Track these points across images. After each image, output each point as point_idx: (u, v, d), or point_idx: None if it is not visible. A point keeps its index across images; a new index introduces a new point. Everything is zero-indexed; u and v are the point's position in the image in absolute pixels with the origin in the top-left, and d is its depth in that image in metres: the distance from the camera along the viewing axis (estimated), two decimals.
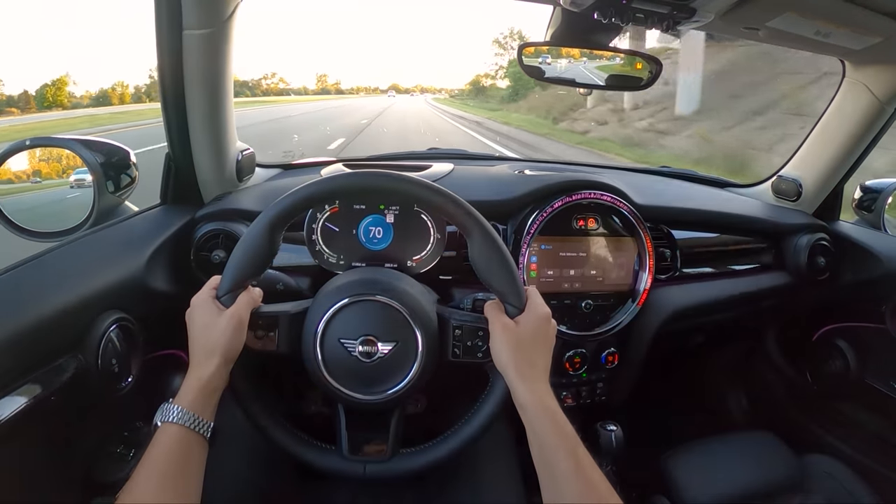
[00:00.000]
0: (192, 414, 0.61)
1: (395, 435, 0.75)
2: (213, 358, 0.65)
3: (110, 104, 40.15)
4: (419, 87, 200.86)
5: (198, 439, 0.62)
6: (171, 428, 0.60)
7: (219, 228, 0.96)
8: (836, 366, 1.30)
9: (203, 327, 0.66)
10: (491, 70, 48.62)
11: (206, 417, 0.63)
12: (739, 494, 1.09)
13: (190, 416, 0.61)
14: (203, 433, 0.62)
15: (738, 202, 1.37)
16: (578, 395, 1.15)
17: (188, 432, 0.61)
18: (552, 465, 0.61)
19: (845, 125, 1.20)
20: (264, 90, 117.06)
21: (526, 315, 0.69)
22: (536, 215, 1.03)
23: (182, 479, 0.59)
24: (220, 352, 0.65)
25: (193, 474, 0.61)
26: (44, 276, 0.74)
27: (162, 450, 0.59)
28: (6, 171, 0.94)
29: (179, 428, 0.60)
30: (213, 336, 0.65)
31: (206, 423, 0.63)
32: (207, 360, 0.65)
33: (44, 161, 1.01)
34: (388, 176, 0.72)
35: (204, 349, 0.65)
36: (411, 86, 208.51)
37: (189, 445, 0.61)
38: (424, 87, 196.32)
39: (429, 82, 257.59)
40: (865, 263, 1.26)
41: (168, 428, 0.60)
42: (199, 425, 0.62)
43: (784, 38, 1.01)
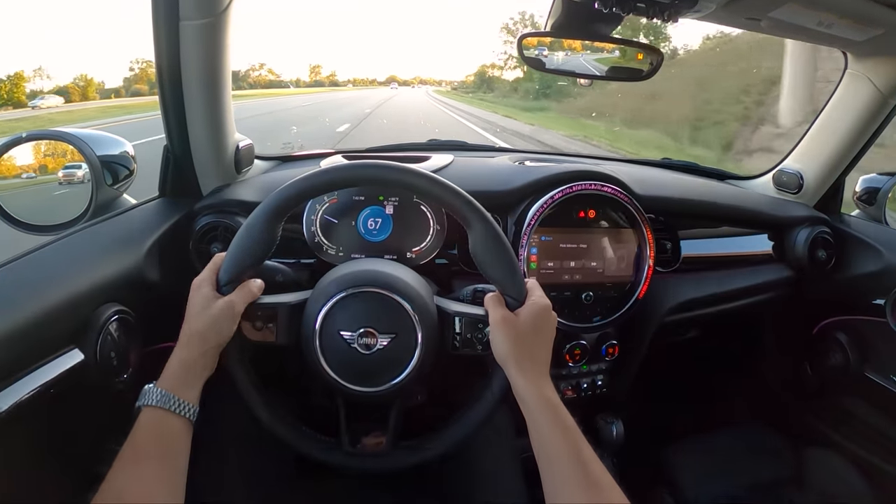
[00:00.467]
0: (174, 397, 0.61)
1: (394, 428, 0.75)
2: (199, 341, 0.65)
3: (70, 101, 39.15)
4: (418, 78, 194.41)
5: (181, 422, 0.62)
6: (154, 411, 0.60)
7: (218, 220, 0.95)
8: (836, 359, 1.30)
9: (197, 310, 0.66)
10: (499, 60, 44.46)
11: (189, 400, 0.63)
12: (739, 487, 1.10)
13: (173, 398, 0.61)
14: (188, 416, 0.62)
15: (739, 194, 1.37)
16: (579, 388, 1.15)
17: (171, 415, 0.61)
18: (553, 459, 0.60)
19: (847, 118, 1.20)
20: (251, 82, 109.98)
21: (526, 307, 0.69)
22: (537, 207, 1.02)
23: (166, 461, 0.59)
24: (209, 337, 0.65)
25: (177, 457, 0.61)
26: (42, 270, 0.73)
27: (145, 433, 0.59)
28: (3, 166, 0.94)
29: (163, 412, 0.60)
30: (205, 320, 0.65)
31: (189, 405, 0.62)
32: (194, 342, 0.65)
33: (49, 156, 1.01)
34: (388, 167, 0.71)
35: (193, 331, 0.65)
36: (410, 77, 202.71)
37: (172, 428, 0.61)
38: (423, 79, 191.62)
39: (428, 74, 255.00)
40: (867, 257, 1.25)
41: (150, 411, 0.60)
42: (182, 408, 0.61)
43: (786, 29, 1.00)
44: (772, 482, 1.11)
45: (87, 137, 0.95)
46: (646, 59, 1.05)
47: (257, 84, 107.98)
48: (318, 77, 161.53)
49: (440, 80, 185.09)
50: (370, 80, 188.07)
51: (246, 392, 0.70)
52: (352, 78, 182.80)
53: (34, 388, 0.64)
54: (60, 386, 0.67)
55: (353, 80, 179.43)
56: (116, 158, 0.97)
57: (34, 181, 0.99)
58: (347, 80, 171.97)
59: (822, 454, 1.17)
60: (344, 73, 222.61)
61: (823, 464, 1.15)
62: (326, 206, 0.96)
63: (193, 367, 0.64)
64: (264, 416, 0.72)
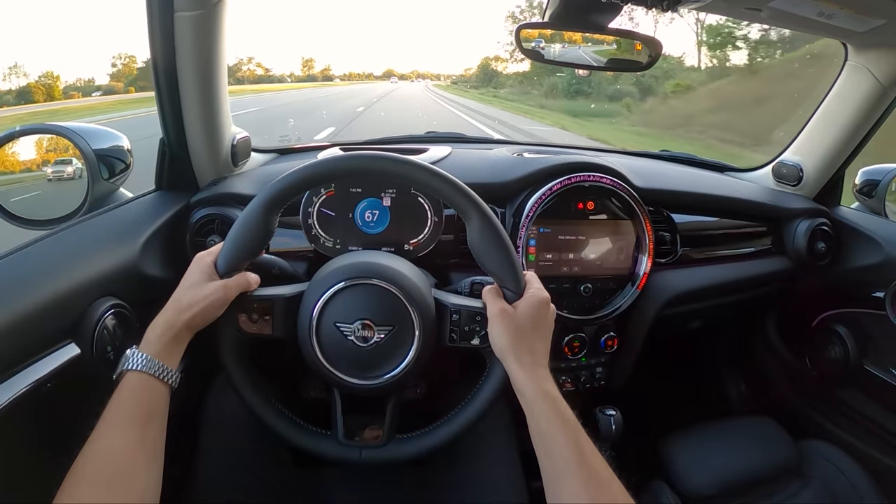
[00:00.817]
0: (158, 362, 0.61)
1: (391, 420, 0.75)
2: (185, 313, 0.65)
3: (33, 101, 38.42)
4: (415, 72, 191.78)
5: (163, 387, 0.62)
6: (139, 376, 0.60)
7: (214, 213, 0.95)
8: (835, 352, 1.30)
9: (192, 282, 0.67)
10: (504, 52, 42.34)
11: (171, 365, 0.63)
12: (738, 479, 1.10)
13: (157, 364, 0.61)
14: (170, 382, 0.62)
15: (739, 186, 1.37)
16: (578, 380, 1.15)
17: (154, 380, 0.61)
18: (553, 452, 0.60)
19: (847, 109, 1.19)
20: (239, 77, 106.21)
21: (525, 300, 0.69)
22: (535, 198, 1.02)
23: (148, 426, 0.59)
24: (195, 311, 0.65)
25: (159, 421, 0.61)
26: (37, 264, 0.73)
27: (127, 397, 0.59)
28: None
29: (146, 376, 0.60)
30: (195, 295, 0.66)
31: (172, 371, 0.62)
32: (180, 311, 0.65)
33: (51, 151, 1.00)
34: (386, 158, 0.71)
35: (182, 302, 0.65)
36: (407, 71, 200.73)
37: (155, 393, 0.61)
38: (420, 73, 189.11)
39: (424, 67, 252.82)
40: (866, 249, 1.25)
41: (134, 375, 0.60)
42: (165, 373, 0.61)
43: (786, 20, 0.99)
44: (771, 474, 1.11)
45: (83, 131, 0.94)
46: (644, 50, 1.05)
47: (245, 79, 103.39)
48: (312, 71, 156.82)
49: (437, 73, 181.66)
50: (366, 74, 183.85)
51: (240, 384, 0.70)
52: (347, 72, 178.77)
53: (31, 382, 0.64)
54: (57, 380, 0.67)
55: (348, 74, 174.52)
56: (112, 152, 0.96)
57: (30, 176, 0.99)
58: (343, 75, 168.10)
59: (821, 446, 1.17)
60: (339, 68, 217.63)
61: (822, 456, 1.14)
62: (323, 199, 0.95)
63: (179, 333, 0.64)
64: (259, 408, 0.72)
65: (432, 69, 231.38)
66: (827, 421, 1.35)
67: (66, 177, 0.94)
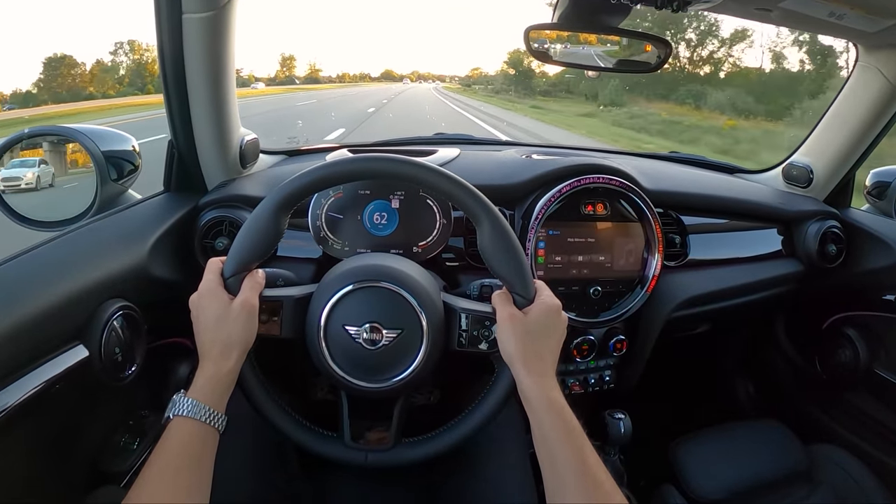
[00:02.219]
0: (206, 407, 0.61)
1: (398, 423, 0.74)
2: (230, 351, 0.64)
3: None
4: (416, 73, 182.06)
5: (211, 432, 0.61)
6: (185, 422, 0.60)
7: (223, 215, 0.95)
8: (845, 355, 1.29)
9: (216, 319, 0.65)
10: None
11: (220, 410, 0.62)
12: (747, 483, 1.09)
13: (205, 409, 0.60)
14: (217, 427, 0.61)
15: (748, 188, 1.36)
16: (586, 383, 1.14)
17: (202, 426, 0.60)
18: (556, 461, 0.60)
19: (858, 110, 1.18)
20: None
21: (536, 306, 0.68)
22: (544, 200, 1.01)
23: (195, 473, 0.59)
24: (237, 345, 0.64)
25: (206, 468, 0.60)
26: (46, 266, 0.73)
27: (175, 444, 0.58)
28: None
29: (193, 422, 0.60)
30: (228, 328, 0.64)
31: (220, 416, 0.62)
32: (225, 353, 0.64)
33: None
34: (395, 160, 0.70)
35: (219, 342, 0.64)
36: (407, 71, 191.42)
37: (202, 440, 0.60)
38: (421, 74, 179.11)
39: (426, 68, 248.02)
40: (877, 252, 1.24)
41: (182, 422, 0.60)
42: (213, 419, 0.61)
43: (797, 20, 0.99)
44: (781, 478, 1.10)
45: (91, 133, 0.95)
46: (654, 51, 1.04)
47: None
48: (292, 72, 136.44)
49: (440, 74, 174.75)
50: (361, 75, 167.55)
51: (248, 384, 0.70)
52: (340, 73, 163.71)
53: (39, 383, 0.64)
54: (65, 381, 0.67)
55: (341, 75, 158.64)
56: (121, 154, 0.97)
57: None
58: (332, 77, 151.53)
59: (832, 450, 1.16)
60: (329, 67, 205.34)
61: (833, 460, 1.14)
62: (332, 201, 0.95)
63: (226, 378, 0.64)
64: (266, 409, 0.71)
65: (433, 70, 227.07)
66: (837, 425, 1.34)
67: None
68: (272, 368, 0.73)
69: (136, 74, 65.63)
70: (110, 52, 70.01)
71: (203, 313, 0.66)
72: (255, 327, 0.67)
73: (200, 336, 0.66)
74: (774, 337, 1.50)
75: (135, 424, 0.91)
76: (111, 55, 70.23)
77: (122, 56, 70.10)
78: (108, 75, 65.00)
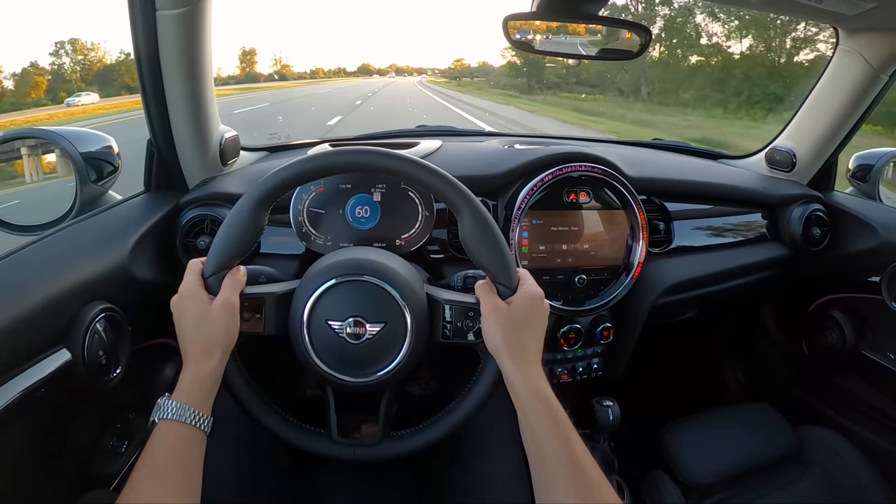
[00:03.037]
0: (191, 410, 0.60)
1: (385, 417, 0.74)
2: (212, 352, 0.64)
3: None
4: (393, 66, 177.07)
5: (198, 434, 0.61)
6: (171, 425, 0.59)
7: (204, 214, 0.94)
8: (832, 337, 1.30)
9: (196, 320, 0.64)
10: None
11: (205, 412, 0.62)
12: (737, 467, 1.10)
13: (190, 411, 0.60)
14: (203, 428, 0.61)
15: (732, 173, 1.36)
16: (574, 371, 1.14)
17: (188, 429, 0.60)
18: (543, 452, 0.60)
19: (839, 94, 1.18)
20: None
21: (518, 296, 0.68)
22: (527, 190, 1.01)
23: (184, 476, 0.58)
24: (219, 344, 0.64)
25: (194, 470, 0.60)
26: (27, 270, 0.72)
27: (161, 448, 0.58)
28: None
29: (179, 425, 0.59)
30: (209, 328, 0.64)
31: (205, 417, 0.62)
32: (206, 354, 0.63)
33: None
34: (375, 152, 0.70)
35: (201, 343, 0.64)
36: (384, 65, 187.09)
37: (189, 442, 0.60)
38: (400, 68, 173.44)
39: (404, 61, 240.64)
40: (861, 234, 1.25)
41: (167, 425, 0.59)
42: (198, 420, 0.60)
43: (777, 5, 0.99)
44: (771, 461, 1.11)
45: (69, 134, 0.94)
46: (634, 38, 1.04)
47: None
48: (254, 69, 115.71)
49: (419, 67, 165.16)
50: (335, 70, 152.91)
51: (232, 382, 0.70)
52: (313, 69, 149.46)
53: (23, 388, 0.63)
54: (50, 386, 0.66)
55: (314, 71, 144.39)
56: (100, 154, 0.96)
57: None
58: (308, 72, 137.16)
59: (821, 432, 1.17)
60: (299, 63, 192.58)
61: (822, 442, 1.15)
62: (313, 196, 0.95)
63: (209, 379, 0.63)
64: (252, 407, 0.71)
65: (412, 62, 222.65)
66: (825, 407, 1.35)
67: None
68: (258, 366, 0.73)
69: (83, 78, 59.93)
70: (51, 54, 63.24)
71: (184, 315, 0.65)
72: (237, 326, 0.66)
73: (182, 338, 0.65)
74: (761, 321, 1.51)
75: (122, 427, 0.90)
76: (52, 56, 63.44)
77: (64, 58, 63.27)
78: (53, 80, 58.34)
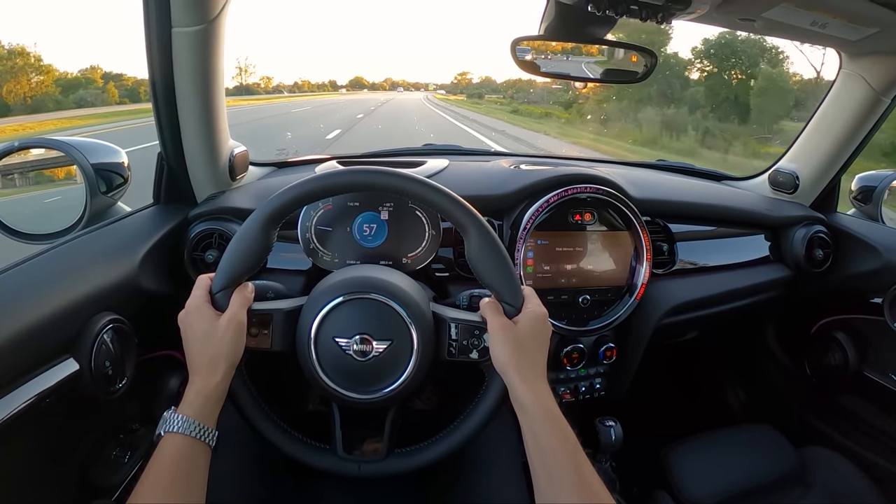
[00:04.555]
0: (196, 423, 0.61)
1: (390, 434, 0.74)
2: (217, 366, 0.64)
3: None
4: (389, 80, 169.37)
5: (202, 448, 0.61)
6: (176, 438, 0.60)
7: (212, 228, 0.95)
8: (834, 358, 1.30)
9: (203, 335, 0.65)
10: None
11: (210, 426, 0.62)
12: (739, 488, 1.09)
13: (195, 425, 0.60)
14: (208, 442, 0.62)
15: (735, 195, 1.37)
16: (577, 391, 1.14)
17: (193, 442, 0.60)
18: (551, 471, 0.60)
19: (842, 117, 1.20)
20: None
21: (524, 315, 0.68)
22: (533, 210, 1.02)
23: (187, 489, 0.59)
24: (225, 359, 0.64)
25: (199, 484, 0.60)
26: (35, 279, 0.73)
27: (166, 461, 0.59)
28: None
29: (184, 438, 0.60)
30: (215, 343, 0.64)
31: (211, 431, 0.62)
32: (212, 369, 0.64)
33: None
34: (383, 172, 0.71)
35: (207, 358, 0.64)
36: (379, 80, 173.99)
37: (194, 455, 0.60)
38: (395, 82, 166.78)
39: (400, 75, 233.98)
40: (864, 255, 1.25)
41: (172, 438, 0.60)
42: (204, 434, 0.61)
43: (780, 29, 1.00)
44: (773, 482, 1.11)
45: (80, 145, 0.95)
46: (640, 61, 1.05)
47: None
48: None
49: (415, 83, 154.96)
50: (330, 83, 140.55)
51: (239, 397, 0.70)
52: (299, 80, 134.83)
53: (29, 398, 0.63)
54: (56, 395, 0.66)
55: (300, 83, 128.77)
56: (110, 166, 0.97)
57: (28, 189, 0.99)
58: (294, 84, 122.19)
59: (823, 453, 1.17)
60: (282, 74, 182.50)
61: (825, 463, 1.14)
62: (321, 213, 0.95)
63: (214, 393, 0.64)
64: (257, 422, 0.71)
65: (408, 77, 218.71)
66: (828, 427, 1.35)
67: None
68: (264, 381, 0.74)
69: None
70: None
71: (190, 330, 0.66)
72: (243, 342, 0.67)
73: (189, 352, 0.66)
74: (764, 342, 1.51)
75: (126, 438, 0.90)
76: None
77: None
78: None
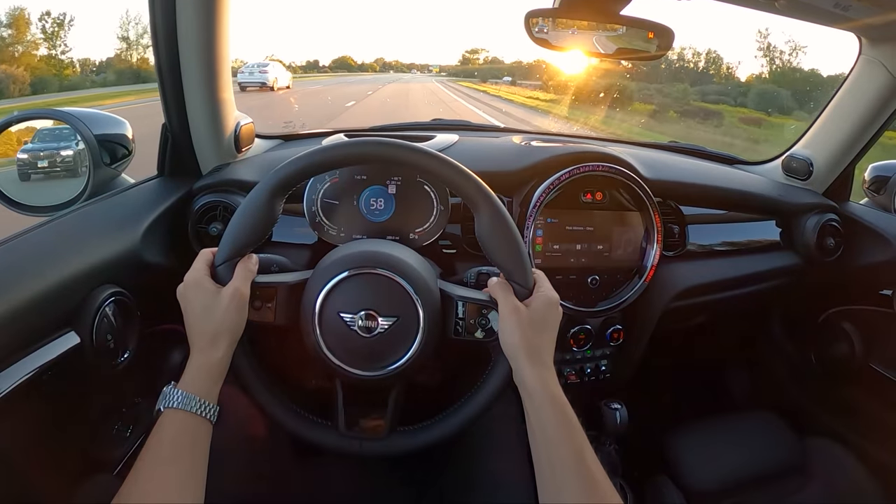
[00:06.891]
0: (197, 398, 0.60)
1: (393, 412, 0.73)
2: (219, 341, 0.63)
3: None
4: (380, 60, 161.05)
5: (203, 424, 0.60)
6: (177, 414, 0.59)
7: (217, 200, 0.94)
8: (841, 349, 1.29)
9: (204, 309, 0.64)
10: None
11: (210, 401, 0.61)
12: (742, 475, 1.10)
13: (195, 400, 0.60)
14: (209, 417, 0.61)
15: (748, 179, 1.35)
16: (582, 373, 1.14)
17: (193, 418, 0.59)
18: (554, 456, 0.59)
19: (860, 104, 1.17)
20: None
21: (536, 299, 0.67)
22: (543, 188, 1.00)
23: (188, 465, 0.58)
24: (227, 334, 0.64)
25: (199, 459, 0.60)
26: (37, 251, 0.72)
27: (166, 437, 0.58)
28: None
29: (185, 414, 0.59)
30: (217, 317, 0.63)
31: (211, 406, 0.61)
32: (213, 343, 0.63)
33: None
34: (394, 144, 0.69)
35: (208, 332, 0.63)
36: (370, 60, 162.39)
37: (194, 431, 0.60)
38: (388, 63, 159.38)
39: (392, 56, 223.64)
40: (875, 246, 1.24)
41: (173, 414, 0.59)
42: (204, 409, 0.60)
43: (802, 11, 0.98)
44: (775, 470, 1.11)
45: (84, 116, 0.93)
46: (655, 39, 1.03)
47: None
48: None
49: (410, 63, 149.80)
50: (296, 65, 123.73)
51: (241, 372, 0.69)
52: (269, 56, 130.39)
53: (31, 370, 0.63)
54: (57, 369, 0.66)
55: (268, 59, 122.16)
56: (114, 137, 0.95)
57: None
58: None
59: (826, 444, 1.17)
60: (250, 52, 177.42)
61: (827, 453, 1.14)
62: (328, 186, 0.94)
63: (215, 368, 0.63)
64: (260, 396, 0.71)
65: (402, 58, 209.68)
66: (831, 418, 1.34)
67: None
68: (266, 356, 0.73)
69: None
70: None
71: (189, 304, 0.65)
72: (245, 316, 0.66)
73: (189, 326, 0.65)
74: (770, 329, 1.50)
75: (128, 411, 0.90)
76: None
77: None
78: None
